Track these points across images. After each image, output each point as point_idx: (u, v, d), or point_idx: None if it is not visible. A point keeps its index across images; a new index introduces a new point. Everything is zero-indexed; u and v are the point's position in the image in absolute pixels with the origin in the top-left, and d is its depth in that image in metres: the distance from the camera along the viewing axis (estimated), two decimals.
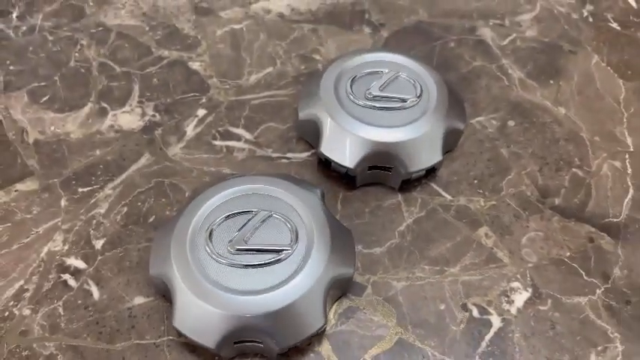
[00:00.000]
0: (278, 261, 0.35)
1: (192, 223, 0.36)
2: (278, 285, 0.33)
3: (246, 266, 0.34)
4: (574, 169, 0.45)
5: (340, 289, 0.37)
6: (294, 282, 0.33)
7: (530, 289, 0.39)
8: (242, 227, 0.36)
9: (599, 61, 0.53)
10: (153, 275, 0.36)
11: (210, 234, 0.36)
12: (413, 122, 0.41)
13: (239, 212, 0.37)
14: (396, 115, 0.42)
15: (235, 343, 0.34)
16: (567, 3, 0.58)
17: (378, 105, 0.42)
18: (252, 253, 0.35)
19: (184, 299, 0.33)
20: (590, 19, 0.56)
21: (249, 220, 0.36)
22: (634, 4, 0.58)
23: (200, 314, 0.33)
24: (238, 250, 0.35)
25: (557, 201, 0.43)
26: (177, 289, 0.34)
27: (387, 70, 0.44)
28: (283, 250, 0.35)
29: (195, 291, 0.33)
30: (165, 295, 0.37)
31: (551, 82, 0.51)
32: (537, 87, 0.50)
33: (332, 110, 0.42)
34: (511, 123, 0.48)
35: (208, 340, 0.33)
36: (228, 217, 0.36)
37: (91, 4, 0.55)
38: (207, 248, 0.35)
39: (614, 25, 0.56)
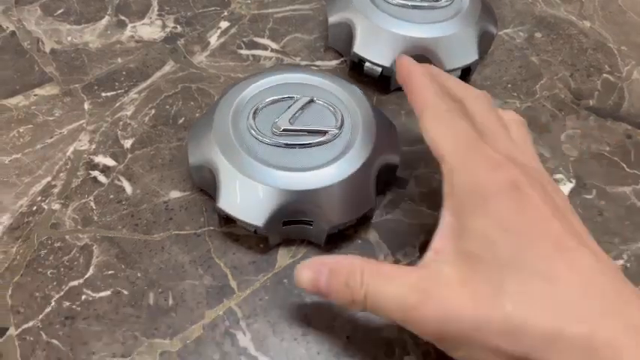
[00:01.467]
0: (325, 142, 0.33)
1: (232, 107, 0.34)
2: (327, 163, 0.32)
3: (294, 146, 0.33)
4: (605, 75, 0.45)
5: (386, 178, 0.36)
6: (344, 160, 0.32)
7: (574, 180, 0.38)
8: (285, 110, 0.34)
9: None
10: (193, 164, 0.34)
11: (254, 116, 0.34)
12: (448, 20, 0.41)
13: (281, 98, 0.35)
14: (430, 13, 0.41)
15: (284, 224, 0.32)
16: None
17: (411, 4, 0.41)
18: (299, 134, 0.33)
19: (229, 178, 0.32)
20: None
21: (291, 105, 0.35)
22: None
23: (247, 191, 0.31)
24: (284, 130, 0.33)
25: (591, 102, 0.43)
26: (221, 170, 0.32)
27: None
28: (329, 131, 0.34)
29: (242, 169, 0.31)
30: (204, 188, 0.35)
31: None
32: (560, 3, 0.50)
33: (365, 9, 0.41)
34: (538, 35, 0.47)
35: (256, 218, 0.31)
36: (269, 102, 0.35)
37: None
38: (252, 130, 0.33)
39: None
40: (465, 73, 0.42)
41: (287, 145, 0.33)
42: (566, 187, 0.38)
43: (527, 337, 0.22)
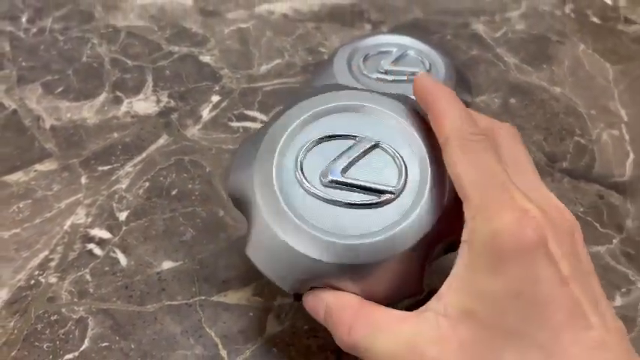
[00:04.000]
0: (379, 204, 0.27)
1: (283, 138, 0.29)
2: (377, 232, 0.27)
3: (340, 204, 0.27)
4: (576, 138, 0.47)
5: (441, 254, 0.29)
6: (397, 232, 0.27)
7: None
8: (341, 155, 0.29)
9: (586, 48, 0.56)
10: (231, 192, 0.30)
11: (305, 154, 0.29)
12: None
13: (341, 135, 0.29)
14: (409, 87, 0.43)
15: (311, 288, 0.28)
16: (550, 2, 0.62)
17: (390, 78, 0.44)
18: (350, 189, 0.28)
19: (262, 227, 0.27)
20: (572, 15, 0.61)
21: (350, 147, 0.29)
22: (609, 1, 0.63)
23: (278, 250, 0.27)
24: (333, 182, 0.28)
25: (564, 165, 0.45)
26: (254, 215, 0.28)
27: (396, 49, 0.47)
28: (387, 190, 0.28)
29: (277, 221, 0.27)
30: (240, 212, 0.30)
31: (544, 66, 0.54)
32: (532, 71, 0.53)
33: (347, 83, 0.44)
34: (512, 101, 0.50)
35: (283, 280, 0.27)
36: (326, 137, 0.29)
37: (100, 9, 0.57)
38: (298, 173, 0.28)
39: (595, 19, 0.60)
40: None
41: (333, 202, 0.28)
42: None
43: None
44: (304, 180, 0.28)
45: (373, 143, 0.29)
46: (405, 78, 0.45)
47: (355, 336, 0.24)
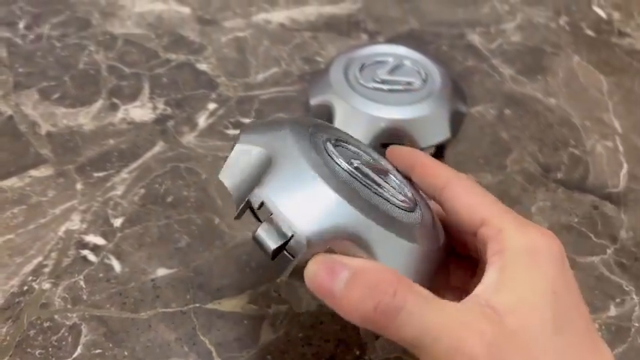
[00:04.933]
0: (402, 208, 0.28)
1: (311, 125, 0.29)
2: (405, 223, 0.27)
3: (370, 186, 0.27)
4: (570, 149, 0.48)
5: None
6: (423, 231, 0.27)
7: None
8: (363, 157, 0.30)
9: (580, 60, 0.57)
10: (249, 140, 0.28)
11: (336, 144, 0.29)
12: (421, 101, 0.44)
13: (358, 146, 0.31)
14: (404, 95, 0.44)
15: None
16: (545, 15, 0.63)
17: (386, 88, 0.45)
18: (374, 183, 0.28)
19: (294, 173, 0.25)
20: (567, 28, 0.61)
21: (369, 160, 0.30)
22: (603, 15, 0.63)
23: (310, 192, 0.25)
24: (359, 170, 0.28)
25: (559, 175, 0.45)
26: (285, 164, 0.26)
27: (392, 59, 0.47)
28: (405, 202, 0.28)
29: (314, 167, 0.25)
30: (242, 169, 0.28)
31: (539, 77, 0.55)
32: (527, 82, 0.54)
33: (343, 93, 0.44)
34: (507, 111, 0.51)
35: (304, 222, 0.24)
36: (354, 142, 0.31)
37: (97, 16, 0.57)
38: (330, 151, 0.28)
39: (589, 32, 0.61)
40: (439, 150, 0.45)
41: (363, 182, 0.27)
42: None
43: None
44: (337, 156, 0.28)
45: (388, 168, 0.31)
46: (401, 88, 0.45)
47: (403, 301, 0.21)
